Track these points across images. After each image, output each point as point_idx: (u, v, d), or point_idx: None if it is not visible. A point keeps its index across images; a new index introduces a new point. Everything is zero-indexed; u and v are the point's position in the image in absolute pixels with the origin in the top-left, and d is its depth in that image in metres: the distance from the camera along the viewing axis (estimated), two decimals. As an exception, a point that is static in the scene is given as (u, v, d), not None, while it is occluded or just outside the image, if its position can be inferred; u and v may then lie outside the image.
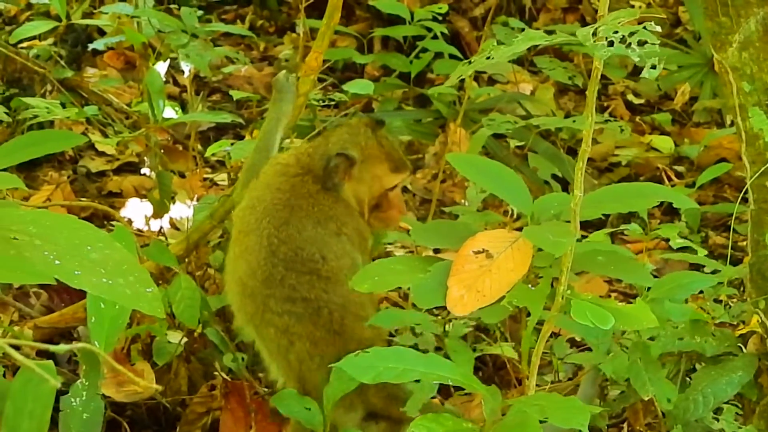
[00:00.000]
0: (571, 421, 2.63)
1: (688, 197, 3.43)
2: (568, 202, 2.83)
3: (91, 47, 6.89)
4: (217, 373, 4.16)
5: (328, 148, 3.78)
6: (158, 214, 4.93)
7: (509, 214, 4.93)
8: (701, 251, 4.50)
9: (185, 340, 4.17)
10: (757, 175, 3.52)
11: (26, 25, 6.11)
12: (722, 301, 3.75)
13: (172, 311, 3.97)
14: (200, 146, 5.95)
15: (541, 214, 3.06)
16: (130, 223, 5.10)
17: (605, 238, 4.45)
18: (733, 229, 3.97)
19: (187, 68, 5.76)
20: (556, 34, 2.65)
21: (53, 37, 6.69)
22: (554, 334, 4.28)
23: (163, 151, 5.26)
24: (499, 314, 3.00)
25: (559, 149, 6.22)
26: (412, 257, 3.96)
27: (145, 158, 5.98)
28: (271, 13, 8.51)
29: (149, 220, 4.98)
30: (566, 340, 4.34)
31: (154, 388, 4.00)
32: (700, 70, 6.98)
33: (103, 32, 7.18)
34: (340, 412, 3.56)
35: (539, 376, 3.92)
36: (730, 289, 3.83)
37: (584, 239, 4.24)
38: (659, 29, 2.49)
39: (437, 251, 4.44)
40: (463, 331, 3.87)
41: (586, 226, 4.42)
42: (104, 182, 6.15)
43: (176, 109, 5.15)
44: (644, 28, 2.46)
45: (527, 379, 2.94)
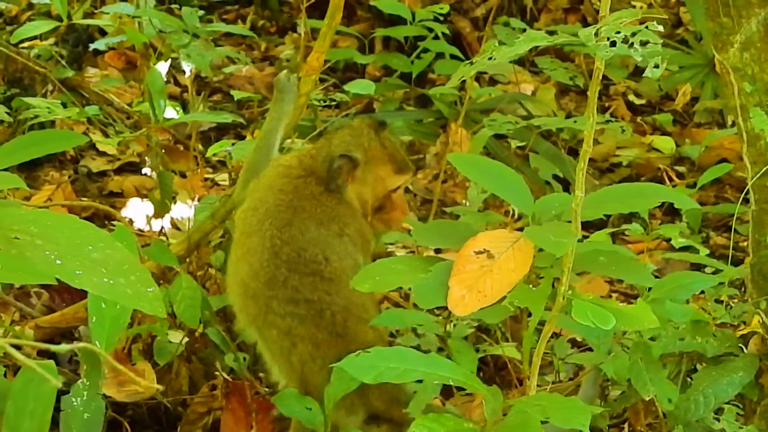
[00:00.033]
0: (572, 421, 2.63)
1: (689, 198, 3.43)
2: (569, 202, 2.83)
3: (92, 47, 6.90)
4: (218, 372, 4.15)
5: (331, 149, 3.77)
6: (159, 214, 4.93)
7: (510, 214, 4.93)
8: (703, 251, 4.51)
9: (186, 339, 4.17)
10: (758, 175, 3.52)
11: (27, 24, 6.12)
12: (723, 301, 3.75)
13: (173, 311, 3.97)
14: (201, 146, 5.95)
15: (542, 214, 3.06)
16: (131, 223, 5.10)
17: (606, 238, 4.45)
18: (734, 229, 3.97)
19: (188, 68, 5.76)
20: (557, 34, 2.65)
21: (54, 37, 6.70)
22: (555, 334, 4.28)
23: (164, 151, 5.26)
24: (500, 314, 3.00)
25: (560, 150, 6.22)
26: (413, 257, 3.95)
27: (146, 158, 5.98)
28: (272, 13, 8.51)
29: (150, 220, 4.97)
30: (567, 340, 4.34)
31: (155, 387, 4.00)
32: (701, 70, 6.98)
33: (104, 32, 7.18)
34: (341, 414, 3.55)
35: (540, 376, 3.91)
36: (731, 289, 3.82)
37: (585, 239, 4.24)
38: (661, 29, 2.49)
39: (438, 251, 4.44)
40: (466, 331, 3.86)
41: (587, 226, 4.43)
42: (105, 182, 6.15)
43: (177, 109, 5.15)
44: (647, 27, 2.46)
45: (528, 379, 2.94)
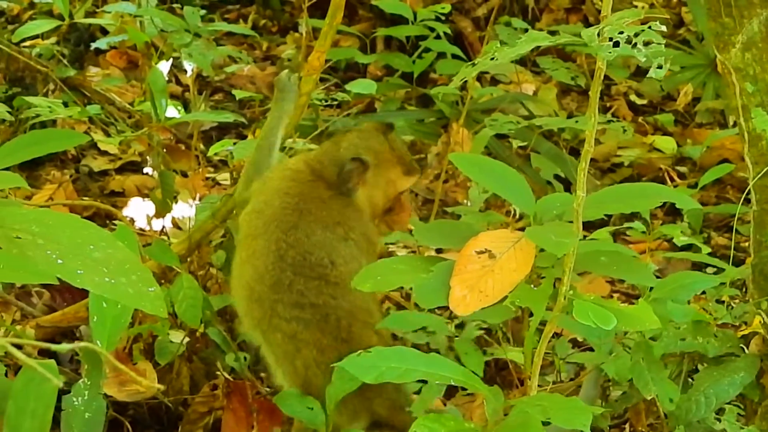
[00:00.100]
0: (573, 421, 2.63)
1: (690, 198, 3.43)
2: (570, 202, 2.83)
3: (93, 46, 6.90)
4: (219, 372, 4.15)
5: (340, 153, 3.76)
6: (160, 213, 4.93)
7: (512, 214, 4.93)
8: (704, 251, 4.51)
9: (187, 339, 4.17)
10: (759, 175, 3.52)
11: (29, 24, 6.13)
12: (725, 301, 3.75)
13: (174, 311, 3.97)
14: (203, 146, 5.95)
15: (543, 214, 3.06)
16: (132, 222, 5.10)
17: (608, 236, 4.45)
18: (735, 229, 3.97)
19: (189, 67, 5.77)
20: (559, 34, 2.66)
21: (56, 36, 6.71)
22: (556, 334, 4.27)
23: (165, 150, 5.25)
24: (501, 314, 3.00)
25: (561, 150, 6.22)
26: (414, 257, 3.96)
27: (147, 157, 5.98)
28: (273, 12, 8.51)
29: (151, 219, 4.97)
30: (568, 340, 4.34)
31: (156, 387, 4.00)
32: (703, 70, 6.98)
33: (105, 31, 7.18)
34: (344, 420, 3.54)
35: (541, 376, 3.91)
36: (732, 289, 3.82)
37: (587, 239, 4.23)
38: (664, 29, 2.49)
39: (440, 251, 4.44)
40: (474, 333, 3.86)
41: (588, 226, 4.42)
42: (107, 181, 6.15)
43: (179, 108, 5.15)
44: (649, 27, 2.46)
45: (529, 379, 2.94)
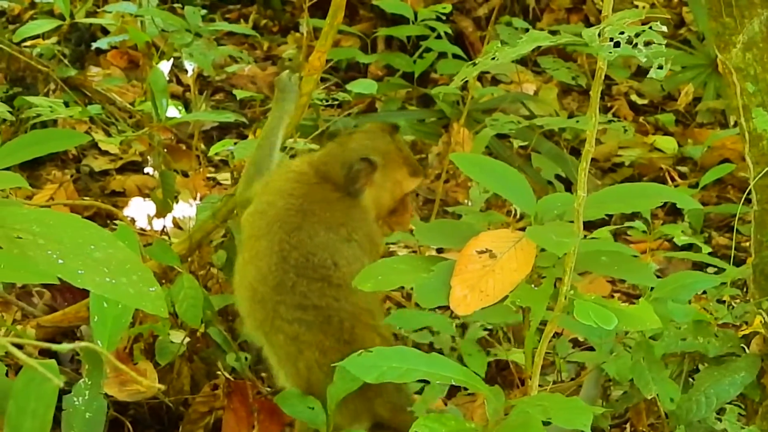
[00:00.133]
0: (573, 421, 2.63)
1: (691, 198, 3.43)
2: (571, 202, 2.83)
3: (94, 46, 6.90)
4: (219, 372, 4.15)
5: (347, 154, 3.75)
6: (161, 213, 4.93)
7: (512, 214, 4.92)
8: (705, 250, 4.51)
9: (188, 339, 4.17)
10: (760, 175, 3.52)
11: (30, 23, 6.13)
12: (725, 301, 3.75)
13: (174, 311, 3.96)
14: (203, 145, 5.95)
15: (544, 214, 3.06)
16: (133, 222, 5.10)
17: (608, 236, 4.45)
18: (736, 229, 3.98)
19: (190, 67, 5.77)
20: (560, 34, 2.66)
21: (57, 35, 6.71)
22: (557, 333, 4.27)
23: (166, 150, 5.25)
24: (502, 315, 3.00)
25: (562, 149, 6.22)
26: (415, 257, 3.96)
27: (148, 157, 5.98)
28: (274, 12, 8.51)
29: (152, 219, 4.97)
30: (569, 339, 4.34)
31: (156, 387, 4.00)
32: (703, 70, 6.98)
33: (106, 31, 7.18)
34: (345, 421, 3.53)
35: (542, 376, 3.91)
36: (733, 289, 3.82)
37: (587, 237, 4.23)
38: (665, 29, 2.49)
39: (440, 251, 4.44)
40: (479, 334, 3.86)
41: (589, 226, 4.41)
42: (107, 181, 6.15)
43: (179, 108, 5.14)
44: (650, 28, 2.46)
45: (530, 379, 2.94)
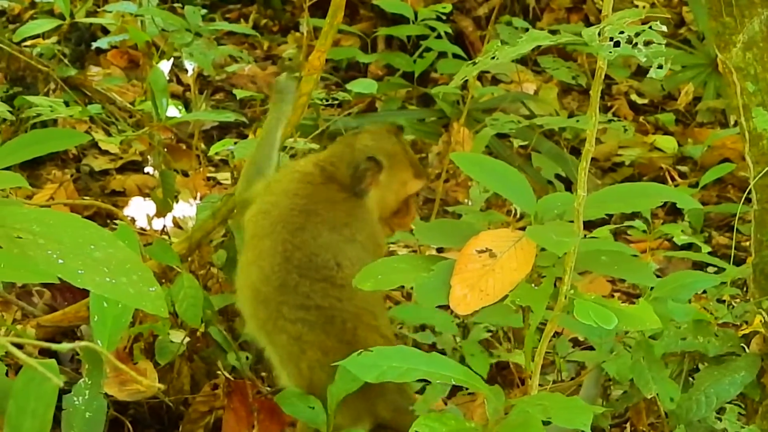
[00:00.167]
0: (573, 421, 2.63)
1: (691, 197, 3.43)
2: (571, 201, 2.83)
3: (94, 46, 6.90)
4: (219, 372, 4.15)
5: (353, 154, 3.75)
6: (161, 212, 4.92)
7: (512, 213, 4.93)
8: (705, 250, 4.51)
9: (188, 339, 4.16)
10: (760, 175, 3.52)
11: (30, 23, 6.13)
12: (725, 301, 3.75)
13: (174, 310, 3.96)
14: (203, 145, 5.95)
15: (544, 213, 3.06)
16: (133, 221, 5.10)
17: (608, 235, 4.45)
18: (736, 229, 3.97)
19: (190, 67, 5.77)
20: (560, 34, 2.65)
21: (57, 35, 6.70)
22: (557, 333, 4.27)
23: (166, 149, 5.25)
24: (502, 314, 3.00)
25: (562, 149, 6.22)
26: (415, 256, 3.96)
27: (148, 157, 5.98)
28: (274, 12, 8.51)
29: (152, 218, 4.97)
30: (569, 339, 4.34)
31: (156, 387, 3.99)
32: (703, 70, 6.98)
33: (106, 31, 7.18)
34: (347, 422, 3.53)
35: (542, 375, 3.92)
36: (733, 289, 3.82)
37: (587, 236, 4.23)
38: (665, 29, 2.49)
39: (440, 250, 4.44)
40: (482, 335, 3.85)
41: (589, 225, 4.41)
42: (107, 181, 6.15)
43: (180, 107, 5.14)
44: (650, 27, 2.46)
45: (530, 378, 2.94)
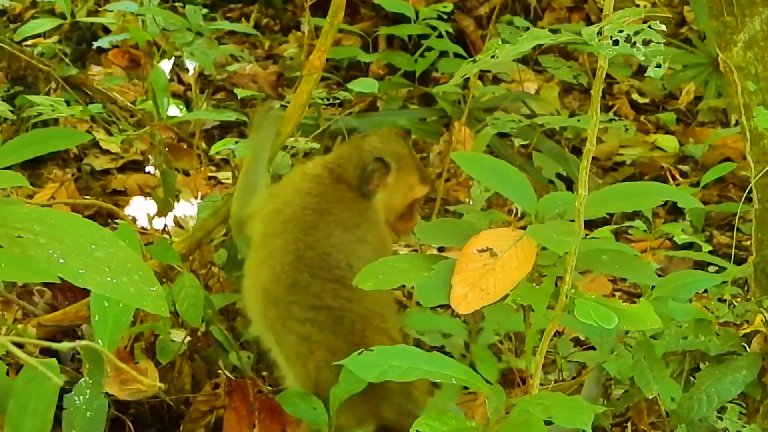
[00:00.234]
0: (574, 420, 2.63)
1: (692, 196, 3.43)
2: (572, 201, 2.83)
3: (95, 45, 6.90)
4: (220, 371, 4.15)
5: (361, 155, 3.76)
6: (162, 212, 4.93)
7: (513, 212, 4.93)
8: (706, 249, 4.50)
9: (189, 338, 4.16)
10: (761, 174, 3.52)
11: (31, 22, 6.13)
12: (726, 300, 3.75)
13: (175, 310, 3.96)
14: (205, 144, 5.95)
15: (545, 212, 3.06)
16: (134, 221, 5.10)
17: (609, 235, 4.45)
18: (737, 228, 3.97)
19: (191, 66, 5.77)
20: (561, 33, 2.65)
21: (58, 34, 6.70)
22: (558, 332, 4.27)
23: (167, 149, 5.25)
24: (503, 313, 2.99)
25: (563, 148, 6.21)
26: (416, 255, 3.95)
27: (149, 156, 5.98)
28: (276, 11, 8.51)
29: (153, 218, 4.97)
30: (570, 338, 4.34)
31: (157, 386, 3.99)
32: (704, 69, 6.97)
33: (107, 30, 7.18)
34: (351, 424, 3.52)
35: (543, 374, 3.91)
36: (734, 288, 3.82)
37: (588, 236, 4.23)
38: (664, 28, 2.49)
39: (441, 249, 4.44)
40: (491, 339, 3.85)
41: (590, 225, 4.42)
42: (108, 180, 6.15)
43: (181, 107, 5.14)
44: (649, 27, 2.46)
45: (531, 378, 2.94)
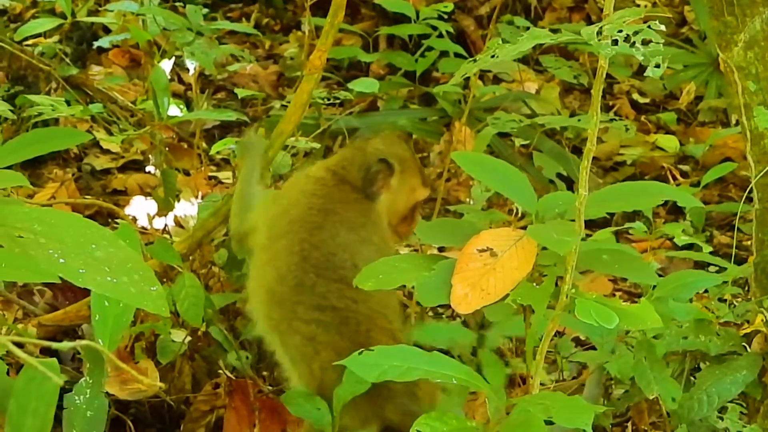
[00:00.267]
0: (575, 420, 2.63)
1: (692, 196, 3.43)
2: (572, 200, 2.82)
3: (96, 45, 6.91)
4: (221, 371, 4.15)
5: (365, 157, 3.77)
6: (163, 212, 4.93)
7: (514, 212, 4.93)
8: (707, 249, 4.51)
9: (189, 338, 4.16)
10: (761, 174, 3.52)
11: (31, 22, 6.12)
12: (727, 300, 3.75)
13: (176, 309, 3.96)
14: (205, 144, 5.95)
15: (545, 212, 3.06)
16: (134, 221, 5.10)
17: (610, 236, 4.45)
18: (737, 228, 3.97)
19: (192, 66, 5.77)
20: (561, 32, 2.65)
21: (58, 34, 6.71)
22: (558, 332, 4.27)
23: (167, 148, 5.25)
24: (503, 313, 2.99)
25: (564, 148, 6.21)
26: (416, 255, 3.95)
27: (149, 156, 5.98)
28: (276, 11, 8.51)
29: (153, 218, 4.97)
30: (571, 338, 4.34)
31: (157, 386, 3.99)
32: (705, 69, 6.97)
33: (108, 30, 7.18)
34: (355, 425, 3.52)
35: (544, 373, 3.91)
36: (734, 288, 3.82)
37: (589, 238, 4.23)
38: (664, 28, 2.49)
39: (442, 249, 4.44)
40: (497, 342, 3.84)
41: (590, 225, 4.42)
42: (109, 180, 6.15)
43: (181, 107, 5.14)
44: (649, 27, 2.46)
45: (531, 378, 2.94)
